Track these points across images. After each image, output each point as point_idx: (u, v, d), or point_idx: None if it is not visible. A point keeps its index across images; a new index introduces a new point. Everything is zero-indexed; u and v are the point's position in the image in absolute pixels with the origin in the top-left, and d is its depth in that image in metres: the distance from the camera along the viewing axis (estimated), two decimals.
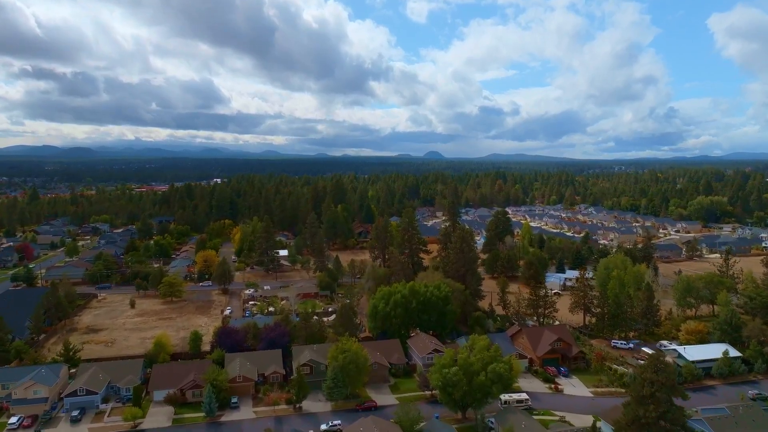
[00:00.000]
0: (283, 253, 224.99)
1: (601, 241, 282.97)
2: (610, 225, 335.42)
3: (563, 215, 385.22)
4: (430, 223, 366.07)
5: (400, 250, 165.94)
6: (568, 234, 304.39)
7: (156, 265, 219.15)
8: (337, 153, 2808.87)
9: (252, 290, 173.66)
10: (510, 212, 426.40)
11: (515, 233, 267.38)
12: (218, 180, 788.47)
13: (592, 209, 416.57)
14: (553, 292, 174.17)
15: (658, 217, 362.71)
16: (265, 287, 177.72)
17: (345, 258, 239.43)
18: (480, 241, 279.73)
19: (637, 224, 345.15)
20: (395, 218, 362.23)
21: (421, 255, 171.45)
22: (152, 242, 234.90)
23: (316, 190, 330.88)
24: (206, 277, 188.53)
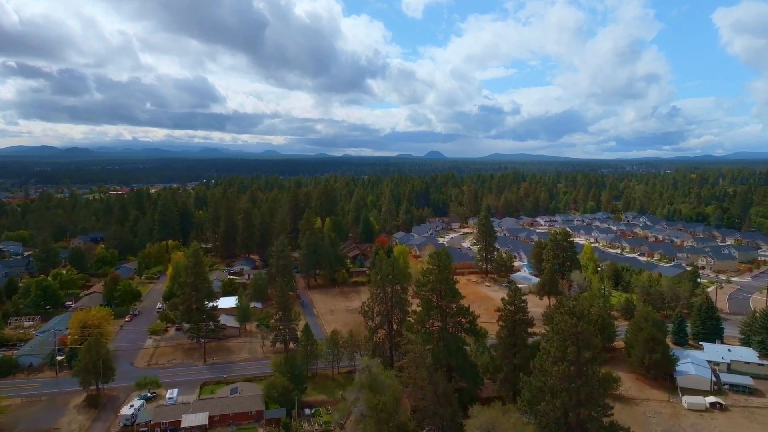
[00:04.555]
0: (228, 302, 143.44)
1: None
2: (688, 244, 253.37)
3: (615, 228, 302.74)
4: (446, 238, 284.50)
5: (424, 333, 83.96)
6: (639, 259, 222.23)
7: (28, 324, 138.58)
8: (337, 153, 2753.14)
9: (140, 402, 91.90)
10: (543, 223, 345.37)
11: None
12: (204, 181, 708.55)
13: (645, 219, 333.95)
14: (708, 404, 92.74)
15: (741, 231, 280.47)
16: (169, 396, 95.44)
17: (329, 304, 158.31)
18: (524, 271, 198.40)
19: (717, 240, 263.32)
20: (401, 233, 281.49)
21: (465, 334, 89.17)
22: (33, 283, 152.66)
23: (296, 198, 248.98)
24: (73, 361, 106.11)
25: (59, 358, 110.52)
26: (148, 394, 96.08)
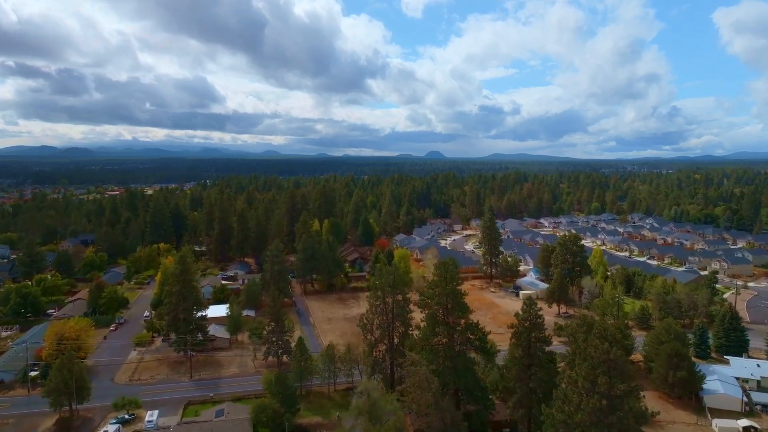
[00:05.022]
0: (219, 311, 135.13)
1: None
2: (699, 247, 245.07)
3: (622, 230, 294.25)
4: (448, 241, 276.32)
5: (429, 351, 75.60)
6: (650, 262, 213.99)
7: (6, 334, 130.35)
8: (338, 153, 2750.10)
9: (115, 426, 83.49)
10: (547, 225, 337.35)
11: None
12: (202, 181, 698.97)
13: (652, 221, 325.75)
14: (742, 429, 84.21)
15: (752, 233, 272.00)
16: (148, 420, 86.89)
17: (326, 311, 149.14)
18: (530, 276, 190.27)
19: (729, 242, 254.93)
20: (402, 236, 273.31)
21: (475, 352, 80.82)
22: (13, 290, 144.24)
23: (293, 199, 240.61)
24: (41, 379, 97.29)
25: (33, 373, 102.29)
26: (126, 417, 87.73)
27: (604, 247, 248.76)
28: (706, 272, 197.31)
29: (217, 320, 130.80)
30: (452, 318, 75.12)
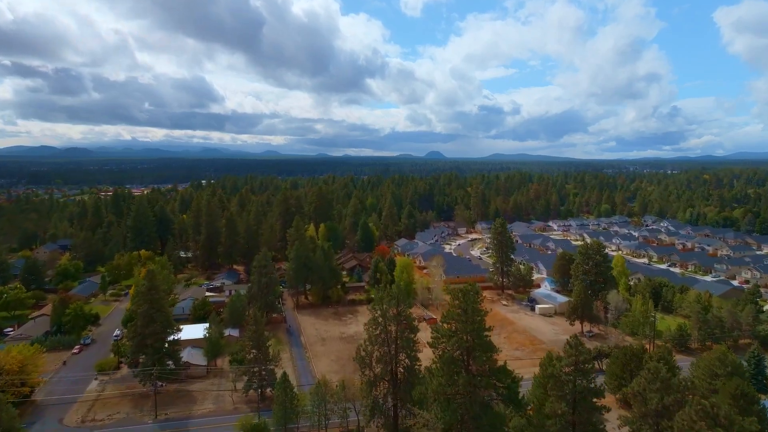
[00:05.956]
0: (197, 330, 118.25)
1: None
2: (723, 253, 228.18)
3: (637, 234, 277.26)
4: (453, 245, 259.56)
5: (444, 405, 58.66)
6: (673, 270, 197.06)
7: None
8: (337, 153, 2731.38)
9: None
10: (557, 228, 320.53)
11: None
12: (195, 182, 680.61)
13: (667, 224, 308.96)
14: None
15: None
16: None
17: (320, 329, 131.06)
18: (545, 287, 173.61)
19: (753, 247, 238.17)
20: (403, 241, 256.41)
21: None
22: None
23: (286, 201, 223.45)
24: None
25: None
26: None
27: (619, 253, 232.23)
28: (736, 281, 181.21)
29: (193, 342, 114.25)
30: (476, 364, 58.06)
